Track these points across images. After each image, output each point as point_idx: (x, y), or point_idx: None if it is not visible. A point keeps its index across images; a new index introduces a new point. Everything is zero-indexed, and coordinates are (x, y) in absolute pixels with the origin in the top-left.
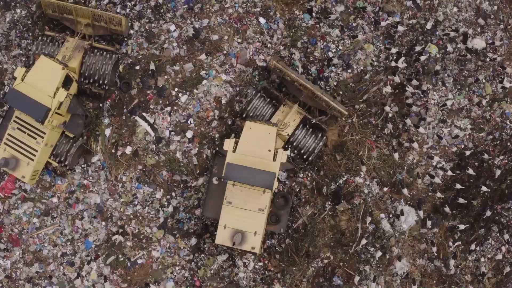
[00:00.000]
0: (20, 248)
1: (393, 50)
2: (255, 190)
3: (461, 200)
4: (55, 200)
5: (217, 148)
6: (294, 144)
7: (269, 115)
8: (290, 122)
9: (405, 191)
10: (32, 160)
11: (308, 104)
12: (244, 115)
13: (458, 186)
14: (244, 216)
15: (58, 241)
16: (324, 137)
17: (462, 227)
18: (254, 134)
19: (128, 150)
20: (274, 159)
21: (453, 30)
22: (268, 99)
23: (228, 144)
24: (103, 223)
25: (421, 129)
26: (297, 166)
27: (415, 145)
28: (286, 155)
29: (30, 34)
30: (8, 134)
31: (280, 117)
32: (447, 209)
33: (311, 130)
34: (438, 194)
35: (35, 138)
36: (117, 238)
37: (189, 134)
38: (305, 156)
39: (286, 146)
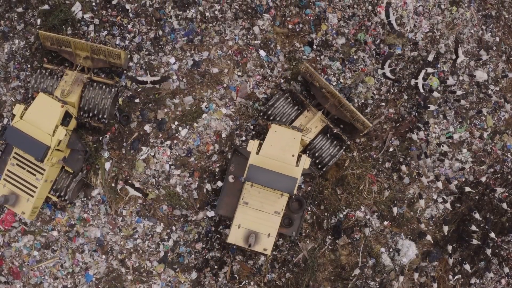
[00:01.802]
0: (20, 281)
1: (436, 94)
2: (272, 193)
3: (475, 242)
4: (55, 233)
5: (235, 147)
6: (317, 147)
7: (293, 117)
8: (312, 128)
9: (428, 237)
10: (32, 196)
11: (331, 114)
12: (268, 113)
13: (474, 227)
14: (259, 218)
15: (58, 274)
16: (344, 147)
17: (467, 267)
18: (279, 137)
19: None
20: (297, 164)
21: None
22: (294, 102)
23: (252, 145)
24: (104, 256)
25: (439, 184)
26: (315, 172)
27: (422, 202)
28: (309, 161)
29: (29, 65)
30: (8, 170)
31: (303, 122)
32: (451, 259)
33: (331, 139)
34: (449, 248)
35: (35, 175)
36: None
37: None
38: (324, 162)
39: (306, 151)
